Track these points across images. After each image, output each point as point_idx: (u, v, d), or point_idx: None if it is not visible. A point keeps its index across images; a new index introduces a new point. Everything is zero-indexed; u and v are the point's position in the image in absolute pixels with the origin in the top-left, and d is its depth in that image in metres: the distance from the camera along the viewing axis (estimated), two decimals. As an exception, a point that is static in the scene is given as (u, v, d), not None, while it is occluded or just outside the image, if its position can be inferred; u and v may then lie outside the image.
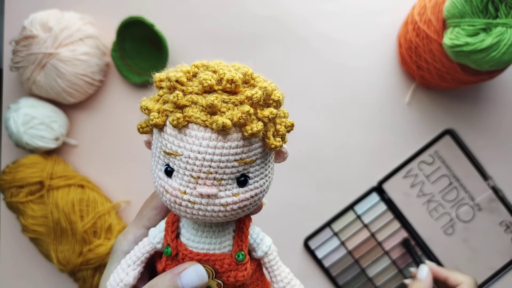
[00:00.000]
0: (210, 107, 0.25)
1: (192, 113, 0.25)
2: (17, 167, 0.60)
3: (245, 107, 0.25)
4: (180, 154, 0.26)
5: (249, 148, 0.26)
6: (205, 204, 0.26)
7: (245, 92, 0.25)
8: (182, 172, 0.26)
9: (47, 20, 0.59)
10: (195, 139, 0.25)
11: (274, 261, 0.32)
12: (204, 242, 0.29)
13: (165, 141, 0.26)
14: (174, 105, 0.26)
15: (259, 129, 0.25)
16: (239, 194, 0.27)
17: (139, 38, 0.64)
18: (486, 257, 0.62)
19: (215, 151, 0.25)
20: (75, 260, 0.58)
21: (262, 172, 0.28)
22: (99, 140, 0.66)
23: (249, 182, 0.27)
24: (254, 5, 0.65)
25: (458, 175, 0.62)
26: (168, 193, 0.27)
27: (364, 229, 0.63)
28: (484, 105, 0.63)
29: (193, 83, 0.26)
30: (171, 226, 0.30)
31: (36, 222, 0.59)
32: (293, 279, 0.32)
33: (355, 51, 0.64)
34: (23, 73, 0.60)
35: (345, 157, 0.64)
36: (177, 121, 0.25)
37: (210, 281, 0.29)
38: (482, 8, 0.48)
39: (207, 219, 0.27)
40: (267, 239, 0.32)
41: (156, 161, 0.28)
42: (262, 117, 0.26)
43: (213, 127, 0.24)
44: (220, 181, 0.26)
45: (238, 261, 0.29)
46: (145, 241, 0.31)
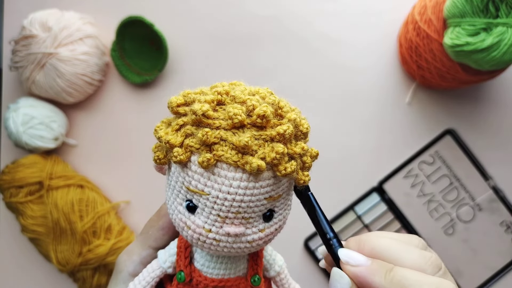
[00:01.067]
0: (243, 148, 0.23)
1: (223, 153, 0.23)
2: (17, 167, 0.60)
3: (279, 147, 0.23)
4: (208, 193, 0.24)
5: (278, 185, 0.25)
6: (231, 242, 0.25)
7: (277, 128, 0.24)
8: (208, 211, 0.25)
9: (46, 20, 0.59)
10: (225, 179, 0.24)
11: (285, 279, 0.32)
12: (220, 268, 0.29)
13: (189, 178, 0.25)
14: (201, 143, 0.24)
15: (293, 170, 0.24)
16: (265, 229, 0.26)
17: (138, 37, 0.64)
18: (486, 257, 0.62)
19: (246, 191, 0.24)
20: (75, 260, 0.58)
21: (286, 203, 0.27)
22: (98, 140, 0.66)
23: (274, 216, 0.26)
24: (254, 5, 0.64)
25: (459, 175, 0.62)
26: (191, 229, 0.25)
27: (364, 229, 0.63)
28: (485, 105, 0.63)
29: (219, 114, 0.24)
30: (184, 252, 0.29)
31: (35, 222, 0.59)
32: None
33: (355, 51, 0.64)
34: (23, 73, 0.60)
35: (345, 157, 0.64)
36: (208, 163, 0.23)
37: None
38: (483, 7, 0.48)
39: (232, 254, 0.26)
40: (279, 258, 0.32)
41: (176, 194, 0.26)
42: (293, 153, 0.24)
43: (246, 169, 0.23)
44: (248, 219, 0.25)
45: (253, 285, 0.29)
46: (154, 265, 0.30)
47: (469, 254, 0.62)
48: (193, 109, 0.24)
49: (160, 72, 0.63)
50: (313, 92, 0.64)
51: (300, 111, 0.27)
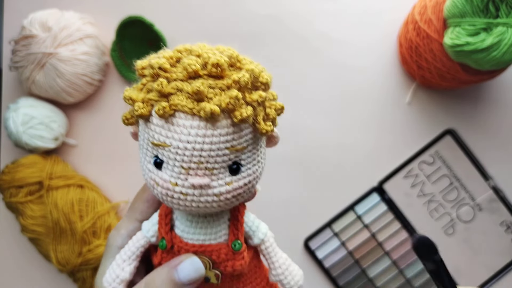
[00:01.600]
0: (196, 93, 0.24)
1: (178, 101, 0.24)
2: (16, 167, 0.60)
3: (232, 92, 0.24)
4: (169, 145, 0.25)
5: (240, 134, 0.25)
6: (198, 195, 0.25)
7: (232, 76, 0.24)
8: (172, 164, 0.25)
9: (46, 20, 0.59)
10: (183, 128, 0.24)
11: (271, 247, 0.31)
12: (199, 233, 0.29)
13: (152, 132, 0.25)
14: (158, 94, 0.24)
15: (248, 114, 0.24)
16: (232, 182, 0.26)
17: (138, 37, 0.64)
18: (486, 257, 0.62)
19: (205, 139, 0.24)
20: (75, 260, 0.58)
21: (254, 158, 0.27)
22: (98, 140, 0.66)
23: (241, 170, 0.26)
24: (254, 4, 0.64)
25: (459, 175, 0.62)
26: (159, 185, 0.26)
27: (364, 229, 0.63)
28: (485, 105, 0.63)
29: (177, 69, 0.25)
30: (164, 219, 0.29)
31: (35, 222, 0.59)
32: (291, 264, 0.32)
33: (355, 51, 0.64)
34: (23, 73, 0.60)
35: (345, 157, 0.64)
36: (163, 111, 0.24)
37: (208, 272, 0.29)
38: (483, 7, 0.48)
39: (201, 210, 0.26)
40: (263, 225, 0.31)
41: (144, 153, 0.27)
42: (251, 101, 0.25)
43: (201, 115, 0.23)
44: (212, 170, 0.25)
45: (234, 250, 0.29)
46: (139, 235, 0.31)
47: (469, 254, 0.62)
48: (151, 64, 0.25)
49: (160, 72, 0.63)
50: (313, 91, 0.64)
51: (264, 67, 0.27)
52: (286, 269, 0.31)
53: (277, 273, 0.31)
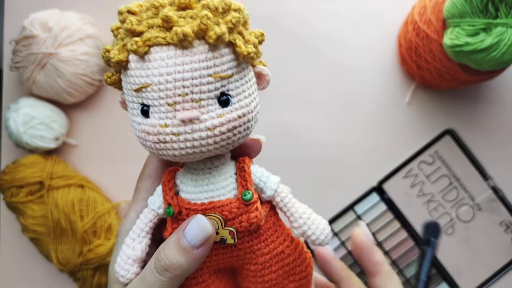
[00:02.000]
0: (166, 21, 0.23)
1: (150, 35, 0.23)
2: (17, 167, 0.60)
3: (203, 12, 0.23)
4: (150, 83, 0.24)
5: (221, 60, 0.24)
6: (190, 131, 0.24)
7: (201, 2, 0.24)
8: (157, 104, 0.24)
9: (47, 20, 0.59)
10: (160, 61, 0.23)
11: (287, 198, 0.29)
12: (206, 190, 0.27)
13: (131, 78, 0.24)
14: (130, 34, 0.24)
15: (223, 31, 0.23)
16: (224, 114, 0.24)
17: (139, 38, 0.64)
18: (486, 257, 0.62)
19: (184, 67, 0.23)
20: (75, 260, 0.58)
21: (244, 90, 0.25)
22: (99, 140, 0.66)
23: (232, 101, 0.25)
24: (254, 4, 0.64)
25: (458, 175, 0.62)
26: (150, 133, 0.25)
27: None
28: (484, 105, 0.63)
29: (147, 13, 0.25)
30: (167, 184, 0.28)
31: (36, 222, 0.59)
32: (312, 213, 0.29)
33: (355, 51, 0.64)
34: (23, 73, 0.60)
35: (345, 157, 0.64)
36: (136, 45, 0.23)
37: (221, 231, 0.26)
38: (482, 8, 0.48)
39: (197, 150, 0.25)
40: (274, 176, 0.29)
41: (132, 107, 0.26)
42: (225, 22, 0.24)
43: (174, 40, 0.23)
44: (198, 102, 0.24)
45: (245, 201, 0.26)
46: (145, 210, 0.29)
47: (469, 254, 0.62)
48: (119, 10, 0.25)
49: (160, 72, 0.63)
50: (313, 92, 0.64)
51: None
52: (308, 218, 0.28)
53: (299, 224, 0.28)
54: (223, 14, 0.24)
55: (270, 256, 0.28)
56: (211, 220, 0.26)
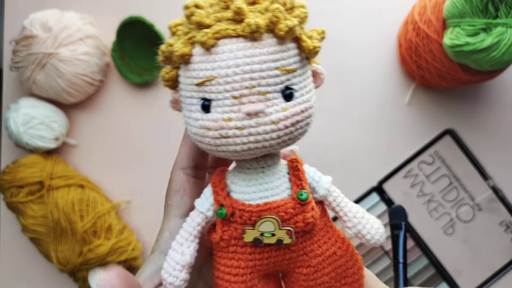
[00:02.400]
0: (237, 13, 0.23)
1: (220, 27, 0.23)
2: (17, 167, 0.60)
3: (274, 5, 0.23)
4: (215, 76, 0.23)
5: (288, 54, 0.24)
6: (254, 125, 0.23)
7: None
8: (222, 97, 0.23)
9: (47, 20, 0.59)
10: (229, 53, 0.23)
11: (340, 197, 0.28)
12: (260, 190, 0.26)
13: (194, 72, 0.24)
14: (197, 27, 0.24)
15: (294, 23, 0.23)
16: (288, 108, 0.24)
17: (139, 38, 0.64)
18: (486, 257, 0.62)
19: (253, 59, 0.23)
20: (75, 260, 0.58)
21: (305, 85, 0.26)
22: (99, 140, 0.66)
23: (295, 96, 0.24)
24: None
25: (458, 175, 0.62)
26: (211, 129, 0.24)
27: (364, 229, 0.63)
28: (484, 105, 0.63)
29: (212, 7, 0.24)
30: (219, 185, 0.27)
31: (36, 222, 0.59)
32: (366, 213, 0.29)
33: (355, 51, 0.64)
34: (23, 73, 0.60)
35: (345, 157, 0.64)
36: (207, 36, 0.23)
37: (278, 232, 0.25)
38: (482, 8, 0.48)
39: (259, 145, 0.24)
40: (326, 176, 0.28)
41: (189, 103, 0.25)
42: (293, 16, 0.24)
43: (245, 32, 0.23)
44: (265, 94, 0.23)
45: (301, 200, 0.26)
46: (193, 214, 0.28)
47: (469, 254, 0.62)
48: (185, 4, 0.24)
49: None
50: (313, 92, 0.64)
51: None
52: (362, 217, 0.28)
53: (353, 224, 0.28)
54: (290, 10, 0.24)
55: (323, 257, 0.27)
56: (268, 222, 0.25)
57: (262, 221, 0.25)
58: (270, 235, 0.25)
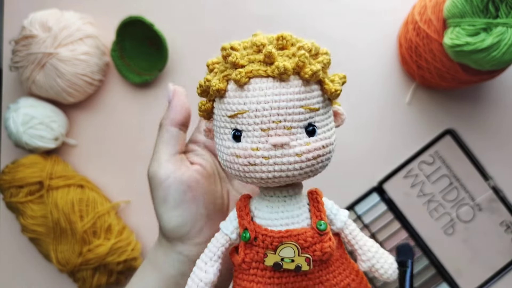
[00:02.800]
0: (268, 57, 0.26)
1: (252, 68, 0.26)
2: (17, 167, 0.60)
3: (300, 51, 0.26)
4: (247, 110, 0.26)
5: (311, 94, 0.27)
6: (279, 156, 0.26)
7: (297, 45, 0.27)
8: (251, 129, 0.26)
9: (46, 20, 0.59)
10: (259, 91, 0.26)
11: (355, 231, 0.30)
12: (282, 218, 0.28)
13: (228, 105, 0.27)
14: (233, 66, 0.27)
15: (318, 68, 0.26)
16: (310, 143, 0.27)
17: (139, 37, 0.64)
18: (486, 257, 0.62)
19: (280, 97, 0.26)
20: (75, 260, 0.58)
21: (327, 124, 0.28)
22: (98, 140, 0.66)
23: (317, 132, 0.27)
24: (254, 4, 0.64)
25: (459, 175, 0.62)
26: (240, 156, 0.27)
27: (364, 229, 0.63)
28: (485, 105, 0.63)
29: (246, 50, 0.28)
30: (244, 210, 0.29)
31: (35, 222, 0.59)
32: (380, 248, 0.31)
33: (355, 51, 0.64)
34: (23, 73, 0.60)
35: (345, 157, 0.64)
36: (240, 75, 0.26)
37: (297, 259, 0.27)
38: (483, 7, 0.48)
39: (283, 175, 0.27)
40: (343, 210, 0.31)
41: (222, 133, 0.28)
42: (318, 62, 0.27)
43: (275, 74, 0.26)
44: (290, 129, 0.26)
45: (320, 230, 0.28)
46: (218, 235, 0.30)
47: (469, 254, 0.62)
48: (223, 47, 0.28)
49: (160, 72, 0.63)
50: (313, 92, 0.64)
51: None
52: (376, 252, 0.30)
53: (367, 257, 0.30)
54: (314, 56, 0.28)
55: (337, 287, 0.29)
56: (288, 248, 0.27)
57: (283, 247, 0.27)
58: (289, 261, 0.27)
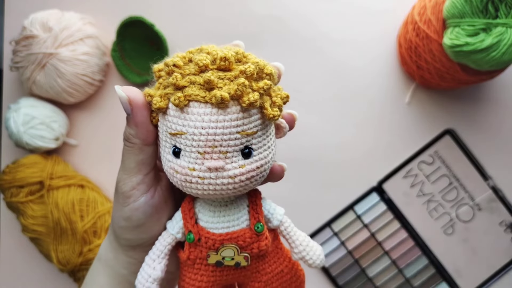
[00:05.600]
0: (207, 83, 0.26)
1: (192, 92, 0.26)
2: (17, 167, 0.60)
3: (240, 79, 0.26)
4: (185, 132, 0.27)
5: (249, 120, 0.27)
6: (214, 178, 0.27)
7: (239, 67, 0.27)
8: (189, 150, 0.27)
9: (47, 20, 0.59)
10: (197, 116, 0.26)
11: (290, 227, 0.33)
12: (223, 221, 0.30)
13: (169, 123, 0.28)
14: (174, 87, 0.27)
15: (255, 99, 0.26)
16: (245, 165, 0.28)
17: (139, 38, 0.64)
18: (486, 257, 0.62)
19: (217, 124, 0.26)
20: (75, 260, 0.58)
21: (265, 144, 0.29)
22: (99, 140, 0.66)
23: (253, 154, 0.28)
24: (256, 4, 0.65)
25: (458, 175, 0.62)
26: (178, 172, 0.28)
27: (364, 229, 0.63)
28: (484, 105, 0.63)
29: (189, 66, 0.28)
30: (188, 213, 0.31)
31: (36, 222, 0.59)
32: (310, 241, 0.34)
33: (355, 51, 0.64)
34: (23, 73, 0.60)
35: (345, 157, 0.64)
36: (178, 100, 0.26)
37: (236, 257, 0.30)
38: (482, 8, 0.48)
39: (218, 193, 0.28)
40: (280, 208, 0.33)
41: (164, 145, 0.29)
42: (258, 88, 0.27)
43: (213, 101, 0.26)
44: (225, 154, 0.27)
45: (258, 232, 0.31)
46: (164, 234, 0.32)
47: (469, 253, 0.62)
48: (166, 63, 0.28)
49: (161, 72, 0.63)
50: (313, 92, 0.64)
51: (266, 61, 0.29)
52: (307, 245, 0.33)
53: (299, 250, 0.33)
54: (257, 80, 0.28)
55: (272, 274, 0.33)
56: (229, 249, 0.30)
57: (224, 249, 0.30)
58: (230, 259, 0.31)
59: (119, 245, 0.34)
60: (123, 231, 0.32)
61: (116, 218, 0.32)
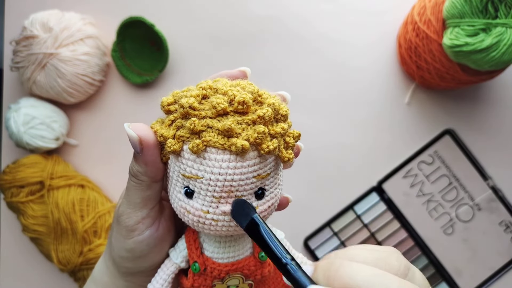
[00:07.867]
0: (227, 131, 0.25)
1: (210, 138, 0.26)
2: (18, 167, 0.60)
3: (260, 128, 0.26)
4: (201, 177, 0.26)
5: (265, 163, 0.27)
6: (228, 220, 0.27)
7: (257, 112, 0.26)
8: (204, 194, 0.27)
9: (47, 20, 0.59)
10: (215, 162, 0.26)
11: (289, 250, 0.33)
12: (229, 252, 0.31)
13: (183, 165, 0.27)
14: (190, 132, 0.26)
15: (274, 147, 0.26)
16: (258, 207, 0.28)
17: (139, 38, 0.64)
18: (486, 257, 0.62)
19: (235, 171, 0.26)
20: (76, 260, 0.58)
21: (276, 182, 0.29)
22: (99, 140, 0.66)
23: (265, 194, 0.28)
24: (255, 5, 0.65)
25: (458, 175, 0.62)
26: (191, 213, 0.28)
27: (364, 229, 0.63)
28: (484, 105, 0.63)
29: (204, 106, 0.27)
30: (193, 244, 0.31)
31: (36, 222, 0.60)
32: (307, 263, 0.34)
33: (355, 51, 0.64)
34: (24, 73, 0.60)
35: (345, 157, 0.64)
36: (197, 148, 0.26)
37: (241, 285, 0.31)
38: (482, 8, 0.48)
39: (230, 233, 0.28)
40: (279, 232, 0.33)
41: (175, 183, 0.28)
42: (275, 133, 0.27)
43: (232, 149, 0.25)
44: (240, 198, 0.27)
45: (262, 260, 0.31)
46: (168, 263, 0.32)
47: (468, 253, 0.62)
48: (181, 103, 0.26)
49: (161, 73, 0.63)
50: (313, 92, 0.64)
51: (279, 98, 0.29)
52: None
53: None
54: (273, 123, 0.27)
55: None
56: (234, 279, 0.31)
57: (230, 279, 0.31)
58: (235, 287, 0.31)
59: (117, 271, 0.33)
60: (124, 260, 0.31)
61: (117, 248, 0.31)
